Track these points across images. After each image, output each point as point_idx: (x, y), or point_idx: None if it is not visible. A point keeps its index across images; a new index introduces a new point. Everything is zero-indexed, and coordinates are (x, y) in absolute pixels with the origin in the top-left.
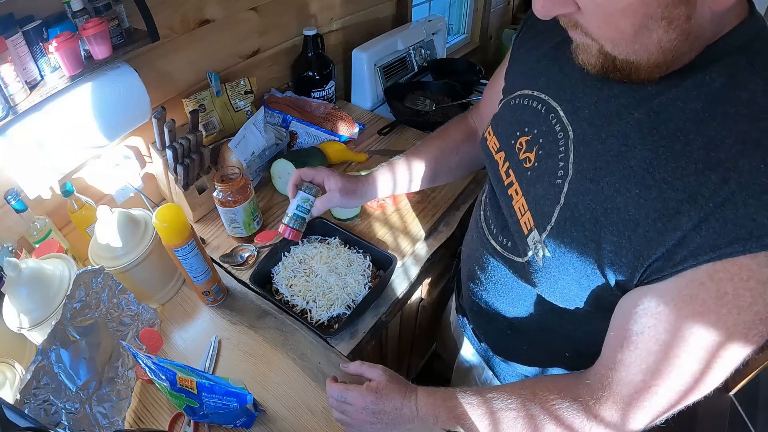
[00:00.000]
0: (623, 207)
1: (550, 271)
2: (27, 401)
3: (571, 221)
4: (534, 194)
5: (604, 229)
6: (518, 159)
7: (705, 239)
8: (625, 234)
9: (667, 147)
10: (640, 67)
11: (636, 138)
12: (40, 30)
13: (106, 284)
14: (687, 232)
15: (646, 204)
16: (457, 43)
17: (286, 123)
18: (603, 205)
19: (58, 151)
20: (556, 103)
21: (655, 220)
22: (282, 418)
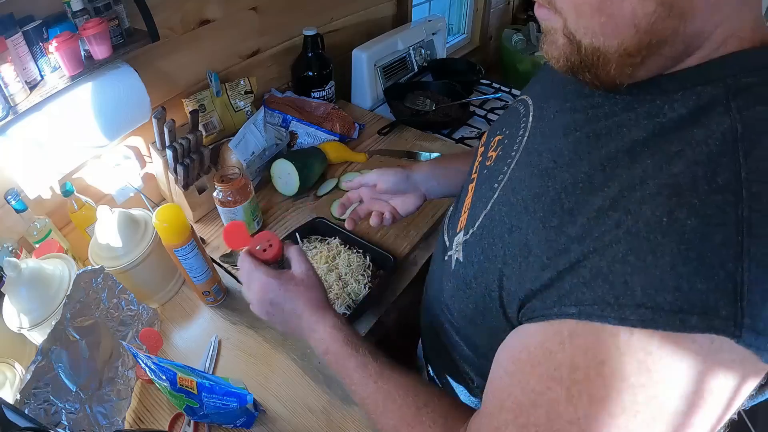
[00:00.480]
0: (525, 228)
1: (458, 277)
2: (27, 401)
3: (487, 231)
4: (477, 195)
5: (507, 248)
6: (486, 157)
7: (573, 286)
8: (519, 257)
9: (589, 177)
10: (609, 56)
11: (567, 158)
12: (40, 30)
13: (106, 284)
14: (564, 273)
15: (544, 231)
16: (457, 43)
17: (286, 123)
18: (511, 221)
19: (58, 151)
20: (533, 107)
21: (546, 250)
22: (282, 418)
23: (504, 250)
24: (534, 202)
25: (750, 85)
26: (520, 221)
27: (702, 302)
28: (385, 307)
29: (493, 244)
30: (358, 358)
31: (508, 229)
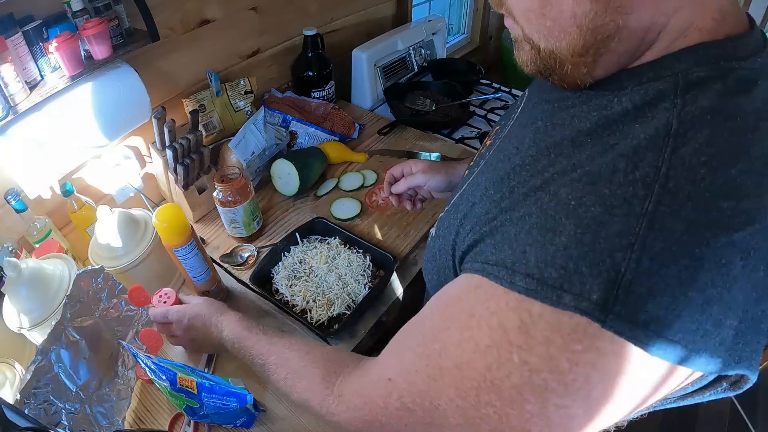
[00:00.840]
0: (478, 203)
1: (430, 249)
2: (27, 401)
3: (455, 207)
4: (465, 177)
5: (463, 221)
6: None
7: (486, 247)
8: (466, 227)
9: (534, 160)
10: (563, 57)
11: (526, 145)
12: (40, 30)
13: (106, 284)
14: (483, 234)
15: (486, 203)
16: (457, 43)
17: (286, 123)
18: (473, 198)
19: (58, 151)
20: (525, 100)
21: (479, 217)
22: (282, 418)
23: (461, 222)
24: (490, 182)
25: (704, 80)
26: (477, 197)
27: (580, 284)
28: (385, 307)
29: (456, 218)
30: (255, 335)
31: (470, 205)
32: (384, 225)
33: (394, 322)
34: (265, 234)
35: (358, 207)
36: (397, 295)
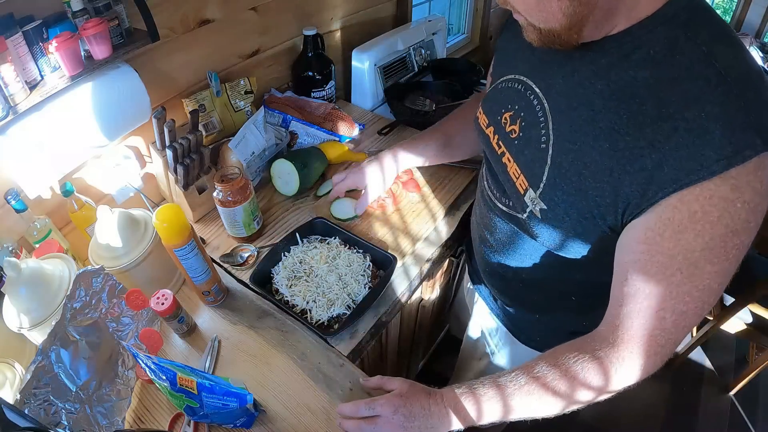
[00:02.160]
0: (599, 159)
1: (548, 222)
2: (27, 401)
3: (559, 177)
4: (524, 160)
5: (586, 179)
6: (505, 132)
7: (668, 175)
8: (603, 179)
9: (626, 109)
10: (560, 33)
11: (600, 104)
12: (40, 30)
13: (106, 284)
14: (652, 171)
15: (616, 154)
16: (457, 43)
17: (286, 123)
18: (583, 160)
19: (58, 151)
20: (532, 82)
21: (624, 164)
22: (282, 418)
23: (584, 181)
24: (596, 140)
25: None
26: (590, 158)
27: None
28: (385, 307)
29: (572, 182)
30: (481, 397)
31: (583, 166)
32: (384, 225)
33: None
34: (265, 234)
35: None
36: (397, 295)
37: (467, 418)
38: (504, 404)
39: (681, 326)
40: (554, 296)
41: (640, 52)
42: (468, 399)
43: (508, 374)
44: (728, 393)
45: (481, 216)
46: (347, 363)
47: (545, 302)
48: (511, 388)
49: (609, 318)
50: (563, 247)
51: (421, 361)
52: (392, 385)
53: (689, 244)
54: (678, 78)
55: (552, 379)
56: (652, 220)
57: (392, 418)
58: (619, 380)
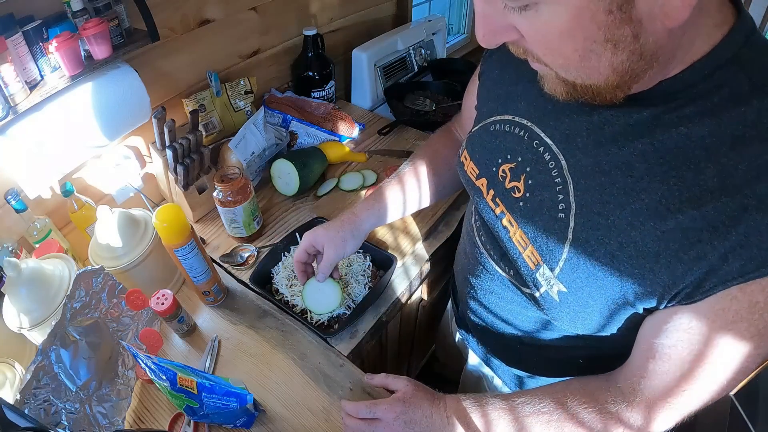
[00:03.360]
0: (640, 240)
1: (568, 305)
2: (27, 401)
3: (584, 256)
4: (534, 228)
5: (622, 263)
6: (504, 188)
7: (732, 267)
8: (646, 266)
9: (679, 177)
10: (601, 89)
11: (642, 169)
12: (40, 30)
13: (106, 284)
14: (714, 262)
15: (665, 235)
16: (457, 43)
17: (286, 123)
18: (617, 239)
19: (58, 151)
20: (539, 129)
21: (677, 251)
22: (282, 418)
23: (619, 265)
24: (637, 216)
25: (752, 59)
26: (628, 238)
27: None
28: (385, 307)
29: (601, 265)
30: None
31: (617, 247)
32: (384, 225)
33: (394, 322)
34: (265, 234)
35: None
36: (397, 295)
37: (471, 427)
38: (511, 427)
39: (705, 401)
40: (559, 360)
41: (694, 105)
42: (474, 413)
43: (518, 397)
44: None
45: (469, 270)
46: (347, 363)
47: (547, 365)
48: (522, 412)
49: (629, 379)
50: (581, 327)
51: (421, 360)
52: (396, 385)
53: (739, 333)
54: (744, 137)
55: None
56: (702, 309)
57: (392, 424)
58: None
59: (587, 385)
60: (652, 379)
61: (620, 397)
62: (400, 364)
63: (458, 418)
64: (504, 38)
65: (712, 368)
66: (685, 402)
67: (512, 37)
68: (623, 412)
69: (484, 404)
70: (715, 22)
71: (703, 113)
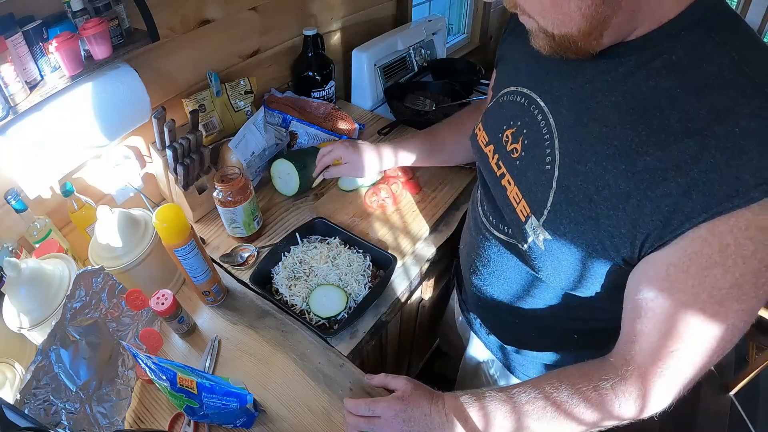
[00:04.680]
0: (613, 183)
1: (552, 254)
2: (27, 401)
3: (566, 203)
4: (526, 182)
5: (599, 205)
6: (506, 151)
7: (696, 203)
8: (619, 206)
9: (646, 124)
10: (575, 37)
11: (615, 119)
12: (40, 30)
13: (106, 284)
14: (678, 198)
15: (634, 176)
16: (457, 43)
17: (286, 123)
18: (594, 184)
19: (58, 151)
20: (536, 95)
21: (645, 189)
22: (282, 418)
23: (596, 208)
24: (611, 161)
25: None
26: (603, 181)
27: None
28: (385, 307)
29: (581, 209)
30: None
31: (594, 191)
32: (384, 225)
33: (394, 322)
34: (265, 234)
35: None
36: (397, 295)
37: (468, 427)
38: (509, 417)
39: (699, 366)
40: (554, 334)
41: (661, 60)
42: (472, 408)
43: (514, 387)
44: (728, 393)
45: (472, 245)
46: (347, 363)
47: (543, 340)
48: (518, 401)
49: (620, 350)
50: (567, 281)
51: (421, 360)
52: (396, 384)
53: (717, 281)
54: (706, 87)
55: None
56: (675, 254)
57: (391, 422)
58: (624, 414)
59: (581, 368)
60: (641, 341)
61: (612, 371)
62: (400, 363)
63: (456, 414)
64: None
65: (695, 321)
66: (678, 367)
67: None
68: (617, 386)
69: (480, 398)
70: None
71: (669, 67)
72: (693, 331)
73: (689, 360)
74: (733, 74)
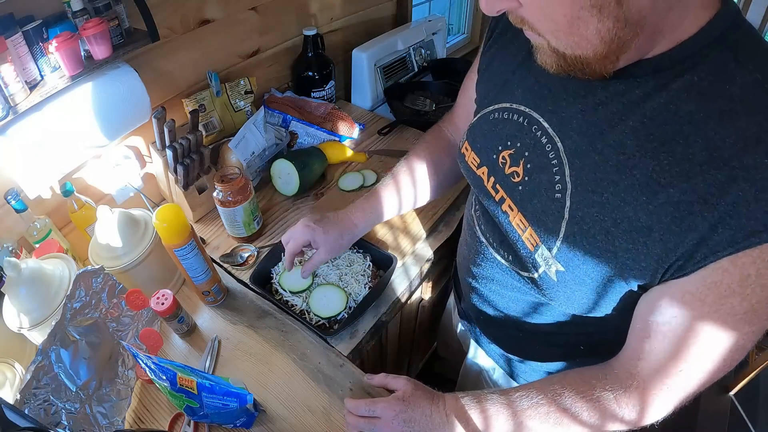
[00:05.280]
0: (633, 215)
1: (566, 284)
2: (27, 401)
3: (580, 234)
4: (533, 210)
5: (617, 238)
6: (504, 174)
7: (722, 237)
8: (640, 240)
9: (668, 152)
10: (590, 60)
11: (633, 146)
12: (40, 30)
13: (106, 284)
14: (704, 233)
15: (656, 209)
16: (457, 43)
17: (286, 123)
18: (611, 216)
19: (58, 151)
20: (538, 115)
21: (669, 224)
22: (282, 418)
23: (614, 241)
24: (630, 192)
25: (738, 40)
26: (621, 213)
27: None
28: (385, 307)
29: (597, 241)
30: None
31: (612, 223)
32: (384, 225)
33: (394, 322)
34: (265, 234)
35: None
36: (397, 295)
37: (469, 429)
38: (510, 421)
39: (703, 382)
40: (560, 346)
41: (682, 81)
42: (473, 409)
43: (516, 391)
44: (728, 393)
45: (471, 260)
46: (347, 363)
47: (548, 352)
48: (521, 405)
49: (625, 364)
50: (579, 308)
51: (421, 361)
52: (396, 384)
53: (733, 308)
54: (731, 112)
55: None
56: (694, 283)
57: (391, 422)
58: (625, 423)
59: (584, 375)
60: (648, 359)
61: (617, 383)
62: (400, 364)
63: (457, 416)
64: (504, 5)
65: (705, 346)
66: (682, 383)
67: (511, 4)
68: (621, 398)
69: (482, 400)
70: (703, 4)
71: (690, 89)
72: (702, 352)
73: (695, 377)
74: (759, 97)
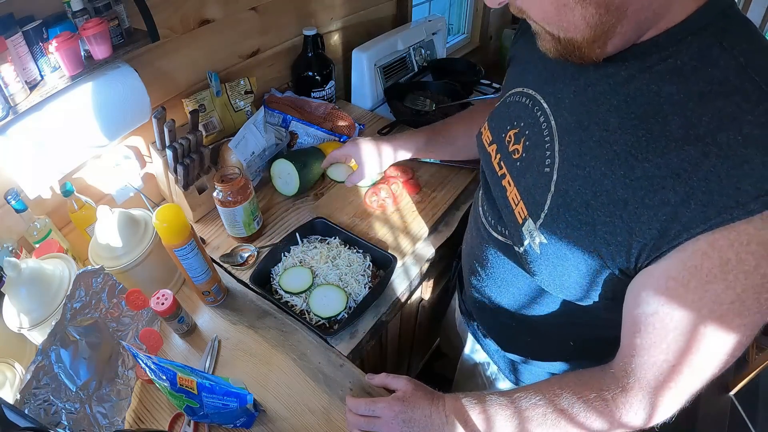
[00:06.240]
0: (611, 188)
1: (548, 258)
2: (27, 401)
3: (563, 207)
4: (525, 184)
5: (596, 211)
6: (508, 151)
7: (695, 212)
8: (616, 213)
9: (647, 129)
10: (580, 44)
11: (616, 123)
12: (40, 30)
13: (106, 284)
14: (676, 207)
15: (632, 183)
16: (457, 43)
17: (286, 123)
18: (592, 189)
19: (58, 151)
20: (540, 96)
21: (642, 197)
22: (282, 418)
23: (593, 213)
24: (609, 165)
25: (726, 28)
26: (601, 186)
27: None
28: (385, 307)
29: (578, 214)
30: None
31: (592, 196)
32: (384, 225)
33: (394, 322)
34: (265, 234)
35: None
36: (397, 295)
37: (469, 429)
38: (510, 422)
39: (701, 380)
40: (551, 341)
41: (665, 64)
42: (473, 410)
43: (515, 392)
44: (728, 393)
45: (472, 246)
46: (347, 363)
47: (539, 346)
48: (520, 406)
49: (620, 362)
50: (563, 289)
51: (421, 360)
52: (397, 384)
53: (718, 296)
54: (710, 93)
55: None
56: (674, 267)
57: (391, 422)
58: (626, 425)
59: (582, 376)
60: (642, 355)
61: (614, 383)
62: (400, 363)
63: (457, 416)
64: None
65: (696, 338)
66: (680, 381)
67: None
68: (618, 397)
69: (482, 401)
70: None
71: (673, 72)
72: (694, 346)
73: (691, 374)
74: (739, 79)
